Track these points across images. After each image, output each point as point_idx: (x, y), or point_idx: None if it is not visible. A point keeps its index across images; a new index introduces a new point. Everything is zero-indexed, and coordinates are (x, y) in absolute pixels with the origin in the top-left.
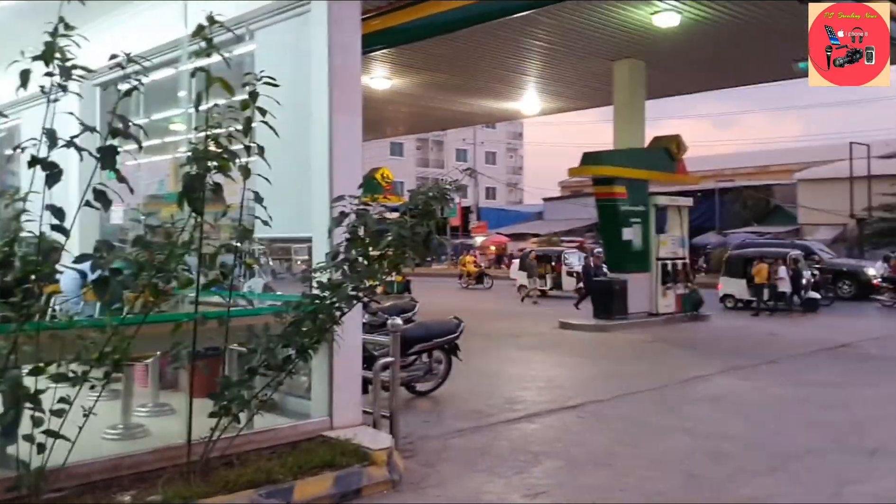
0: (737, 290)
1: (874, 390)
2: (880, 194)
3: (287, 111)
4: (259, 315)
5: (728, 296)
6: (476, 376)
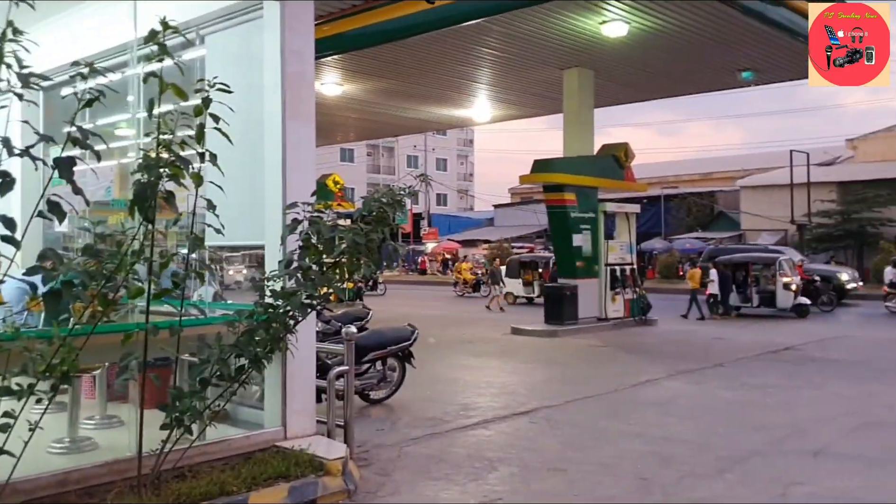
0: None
1: (816, 392)
2: (819, 201)
3: (239, 117)
4: (211, 324)
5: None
6: (430, 383)
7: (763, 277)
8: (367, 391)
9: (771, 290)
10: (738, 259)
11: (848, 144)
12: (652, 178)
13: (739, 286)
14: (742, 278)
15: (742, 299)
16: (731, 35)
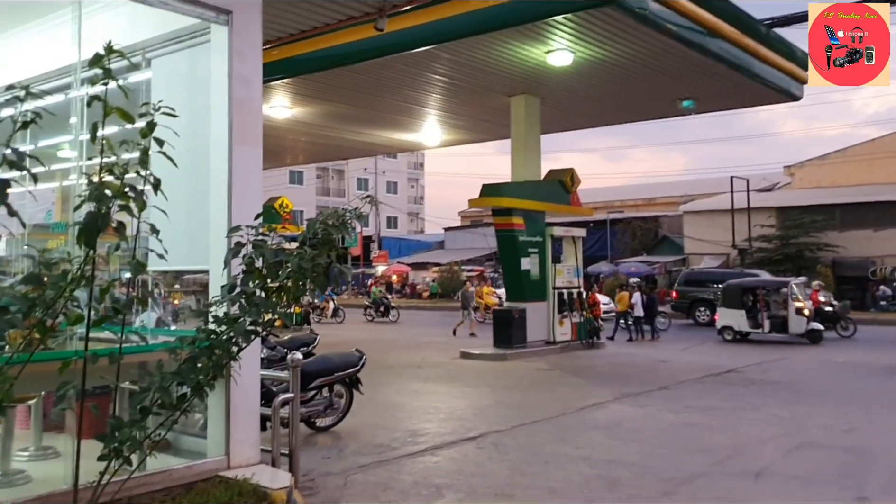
0: (735, 322)
1: (756, 413)
2: (759, 225)
3: (186, 140)
4: (152, 351)
5: (727, 328)
6: (378, 409)
7: (773, 302)
8: (313, 418)
9: (783, 316)
10: (748, 283)
11: (786, 171)
12: (598, 202)
13: (749, 311)
14: (751, 303)
15: (752, 325)
16: (672, 65)
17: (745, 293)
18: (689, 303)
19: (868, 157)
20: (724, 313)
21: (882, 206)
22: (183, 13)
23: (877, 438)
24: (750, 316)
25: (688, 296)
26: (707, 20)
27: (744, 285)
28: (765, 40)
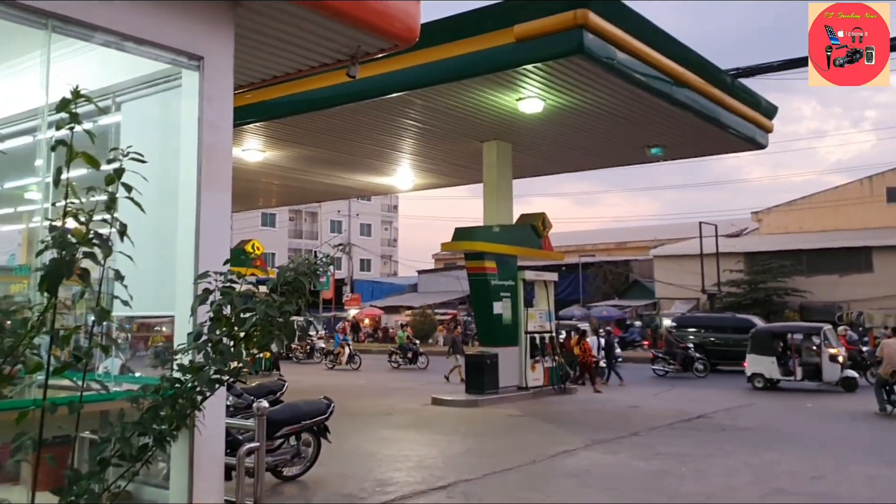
0: (766, 369)
1: (726, 460)
2: (728, 270)
3: (154, 184)
4: (114, 400)
5: (757, 375)
6: (347, 458)
7: (805, 349)
8: (280, 468)
9: (815, 363)
10: (778, 329)
11: (753, 217)
12: (570, 246)
13: (780, 358)
14: (782, 349)
15: (783, 372)
16: (640, 113)
17: (776, 339)
18: None
19: (833, 203)
20: (753, 360)
21: (847, 252)
22: (154, 58)
23: (843, 485)
24: (781, 363)
25: None
26: (673, 70)
27: (774, 331)
28: (730, 90)
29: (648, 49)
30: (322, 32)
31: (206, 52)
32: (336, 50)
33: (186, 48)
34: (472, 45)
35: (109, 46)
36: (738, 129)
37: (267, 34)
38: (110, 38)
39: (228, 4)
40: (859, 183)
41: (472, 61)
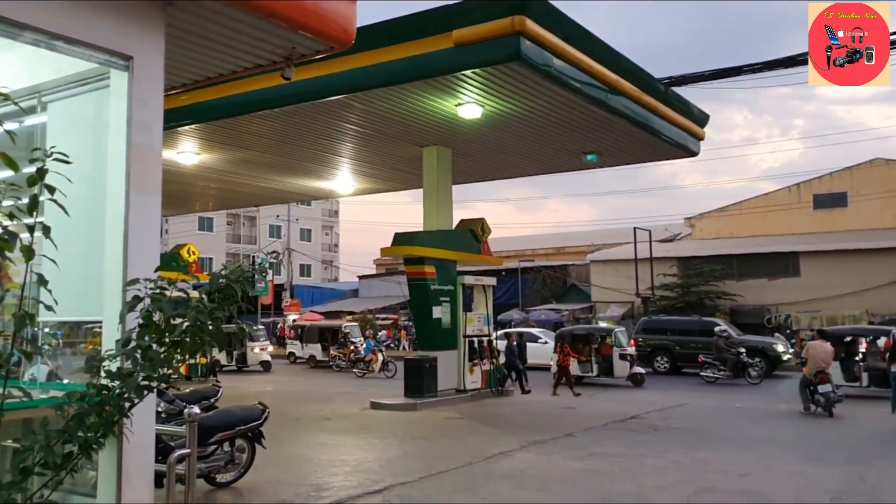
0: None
1: (658, 460)
2: (662, 274)
3: (82, 187)
4: (38, 407)
5: None
6: (283, 464)
7: (871, 354)
8: (213, 474)
9: (882, 368)
10: (843, 331)
11: (686, 223)
12: (510, 251)
13: (844, 363)
14: (845, 354)
15: (848, 378)
16: (576, 120)
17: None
18: (649, 351)
19: (763, 209)
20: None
21: (776, 257)
22: (81, 57)
23: (770, 482)
24: (845, 368)
25: (648, 343)
26: (608, 77)
27: (836, 334)
28: (663, 98)
29: (584, 57)
30: (255, 33)
31: (135, 51)
32: (270, 51)
33: (116, 48)
34: (411, 49)
35: (38, 45)
36: (671, 136)
37: (199, 34)
38: (39, 36)
39: (159, 4)
40: (787, 190)
41: (410, 65)
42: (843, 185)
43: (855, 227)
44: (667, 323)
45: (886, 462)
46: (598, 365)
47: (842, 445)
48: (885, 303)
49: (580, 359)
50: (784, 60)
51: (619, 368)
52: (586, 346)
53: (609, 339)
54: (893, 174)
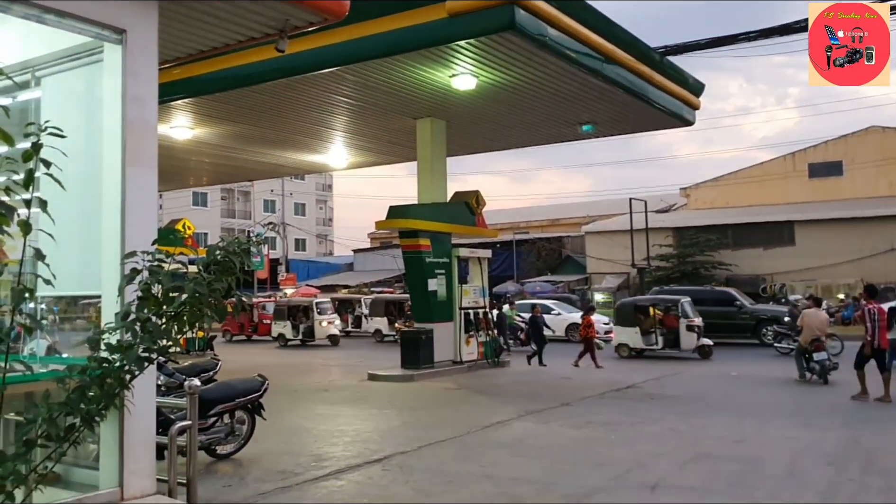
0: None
1: (654, 427)
2: (657, 245)
3: (78, 161)
4: (39, 381)
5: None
6: (282, 434)
7: None
8: (213, 446)
9: None
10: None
11: (681, 193)
12: (505, 223)
13: None
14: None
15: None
16: (571, 90)
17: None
18: None
19: (758, 179)
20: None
21: (771, 226)
22: (73, 31)
23: (766, 447)
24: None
25: None
26: (604, 47)
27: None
28: (658, 67)
29: (579, 26)
30: (249, 5)
31: (128, 25)
32: (264, 24)
33: (108, 21)
34: (405, 19)
35: (29, 19)
36: (667, 105)
37: (192, 7)
38: (30, 10)
39: None
40: (783, 159)
41: (404, 36)
42: (839, 153)
43: (850, 196)
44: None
45: (881, 426)
46: (662, 337)
47: (837, 411)
48: (880, 271)
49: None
50: (779, 28)
51: (686, 340)
52: (649, 318)
53: (674, 309)
54: (889, 142)
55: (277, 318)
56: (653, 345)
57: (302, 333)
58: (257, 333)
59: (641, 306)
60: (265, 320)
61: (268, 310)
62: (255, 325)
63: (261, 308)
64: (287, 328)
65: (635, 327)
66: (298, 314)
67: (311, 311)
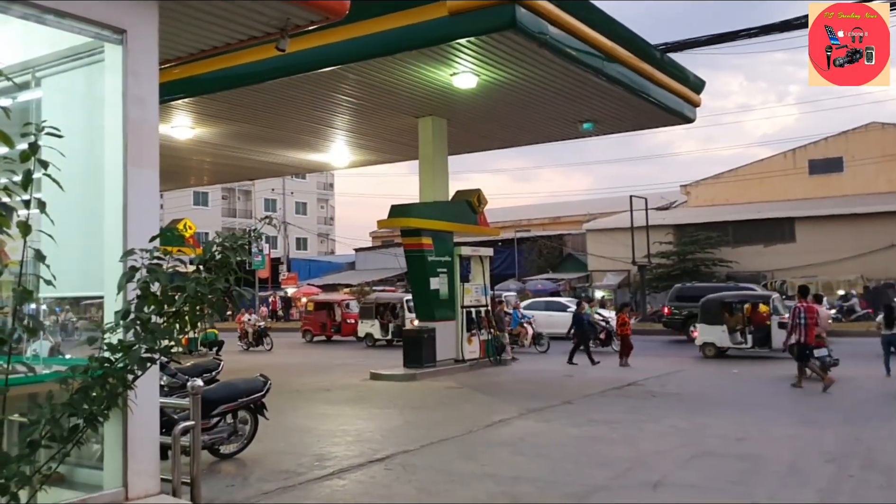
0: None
1: (656, 425)
2: (658, 242)
3: (79, 162)
4: (42, 382)
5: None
6: (285, 434)
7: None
8: (217, 446)
9: None
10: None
11: (682, 190)
12: (506, 221)
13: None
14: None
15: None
16: (572, 88)
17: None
18: (683, 319)
19: (758, 175)
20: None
21: (771, 223)
22: (76, 32)
23: (767, 445)
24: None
25: (681, 312)
26: (604, 45)
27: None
28: (659, 65)
29: (580, 24)
30: (250, 5)
31: (129, 25)
32: (265, 23)
33: (109, 21)
34: (405, 18)
35: (29, 19)
36: (667, 103)
37: (193, 7)
38: (29, 10)
39: None
40: (783, 156)
41: (405, 35)
42: (839, 150)
43: (850, 192)
44: (702, 290)
45: (881, 423)
46: (751, 335)
47: (837, 408)
48: (881, 267)
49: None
50: (779, 25)
51: (778, 338)
52: (736, 315)
53: (765, 306)
54: (889, 139)
55: (364, 317)
56: (740, 343)
57: (392, 333)
58: (340, 334)
59: (729, 302)
60: (349, 319)
61: (352, 308)
62: (337, 325)
63: (344, 306)
64: (375, 327)
65: (722, 325)
66: (386, 312)
67: (402, 308)
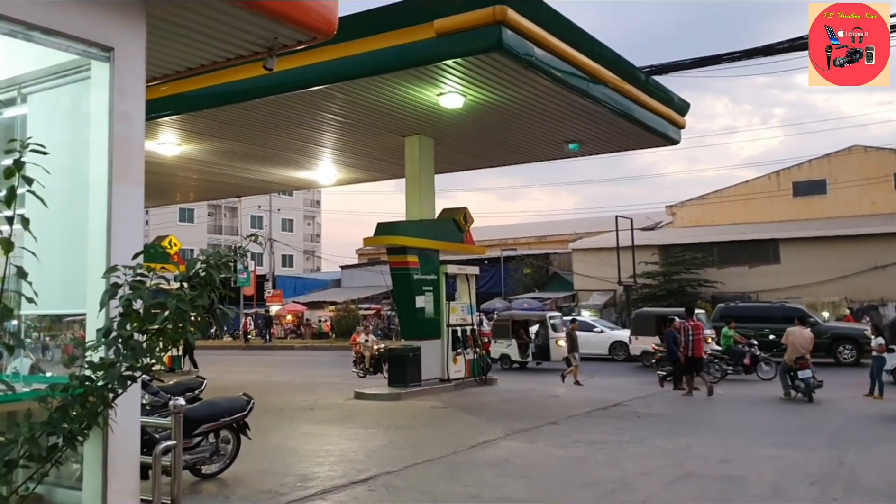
0: None
1: (640, 447)
2: (643, 263)
3: (64, 178)
4: (21, 400)
5: None
6: (268, 454)
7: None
8: (198, 465)
9: None
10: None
11: (668, 210)
12: (493, 240)
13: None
14: None
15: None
16: (557, 109)
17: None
18: None
19: (743, 197)
20: None
21: (756, 244)
22: (63, 49)
23: (751, 466)
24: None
25: None
26: (590, 66)
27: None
28: (644, 87)
29: (566, 46)
30: (237, 24)
31: (116, 42)
32: (252, 42)
33: (96, 39)
34: (393, 39)
35: (15, 36)
36: (652, 124)
37: (180, 25)
38: (16, 27)
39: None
40: (767, 178)
41: (392, 55)
42: (822, 172)
43: (834, 215)
44: (746, 310)
45: (864, 446)
46: None
47: (821, 430)
48: (863, 289)
49: None
50: (763, 49)
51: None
52: None
53: None
54: (871, 161)
55: (498, 336)
56: None
57: (532, 355)
58: None
59: None
60: None
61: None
62: None
63: None
64: (512, 348)
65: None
66: (522, 331)
67: (544, 327)
